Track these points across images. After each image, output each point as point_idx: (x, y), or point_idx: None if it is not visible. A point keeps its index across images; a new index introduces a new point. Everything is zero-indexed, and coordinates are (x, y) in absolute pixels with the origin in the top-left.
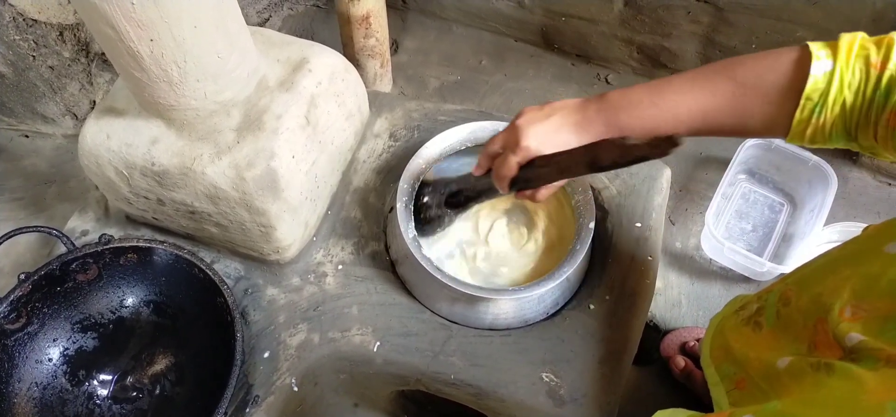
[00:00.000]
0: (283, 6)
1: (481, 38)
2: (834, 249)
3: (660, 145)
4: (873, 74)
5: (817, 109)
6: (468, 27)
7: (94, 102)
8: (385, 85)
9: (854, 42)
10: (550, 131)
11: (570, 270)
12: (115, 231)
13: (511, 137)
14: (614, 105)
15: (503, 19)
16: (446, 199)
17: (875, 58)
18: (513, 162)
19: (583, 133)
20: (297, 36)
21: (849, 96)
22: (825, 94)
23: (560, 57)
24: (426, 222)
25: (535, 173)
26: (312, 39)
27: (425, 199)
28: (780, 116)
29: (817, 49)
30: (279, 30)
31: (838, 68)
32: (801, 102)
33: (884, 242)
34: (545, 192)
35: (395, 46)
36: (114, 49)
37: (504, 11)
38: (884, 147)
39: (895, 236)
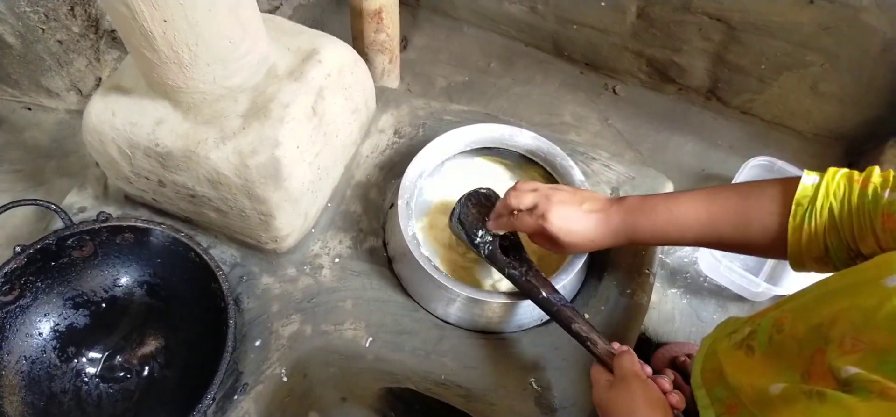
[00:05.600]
0: None
1: (491, 41)
2: (831, 277)
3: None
4: (856, 186)
5: (807, 215)
6: (479, 29)
7: (100, 79)
8: (392, 81)
9: (838, 169)
10: (578, 216)
11: (567, 278)
12: (113, 210)
13: (542, 205)
14: (634, 208)
15: (515, 23)
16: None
17: (857, 176)
18: (530, 226)
19: (603, 227)
20: (306, 26)
21: (835, 204)
22: (813, 200)
23: (569, 65)
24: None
25: (515, 249)
26: (321, 30)
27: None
28: (779, 230)
29: (807, 172)
30: (289, 18)
31: (824, 180)
32: (793, 208)
33: (883, 274)
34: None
35: (404, 43)
36: (126, 27)
37: (516, 15)
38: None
39: (895, 269)
